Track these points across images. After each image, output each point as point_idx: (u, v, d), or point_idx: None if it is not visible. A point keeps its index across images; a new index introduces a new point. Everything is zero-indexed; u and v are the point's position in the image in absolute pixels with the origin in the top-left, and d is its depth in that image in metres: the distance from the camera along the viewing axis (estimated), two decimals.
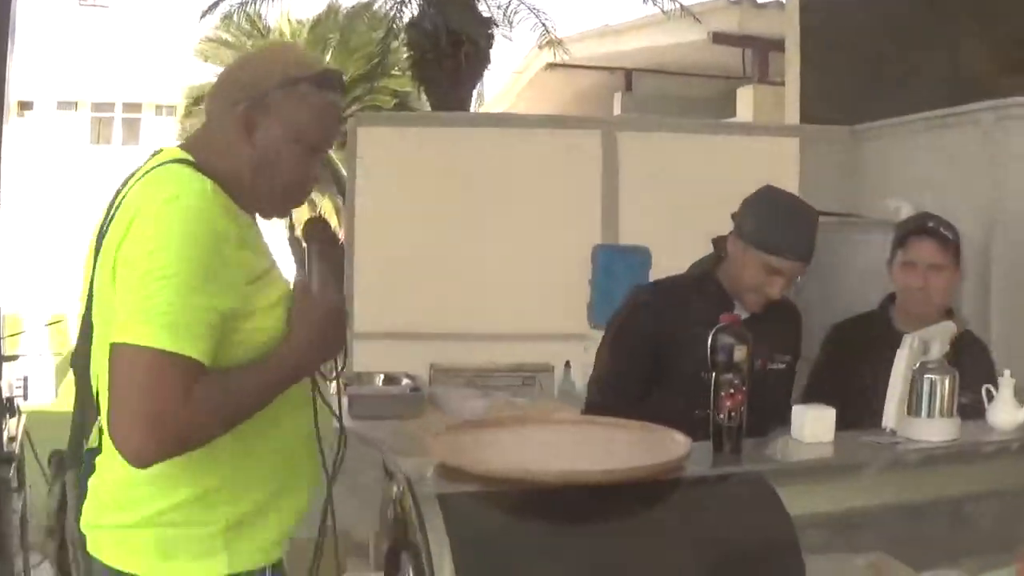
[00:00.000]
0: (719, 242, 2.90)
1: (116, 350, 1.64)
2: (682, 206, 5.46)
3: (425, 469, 1.92)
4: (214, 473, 1.78)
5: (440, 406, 4.16)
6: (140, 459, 1.64)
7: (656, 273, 5.11)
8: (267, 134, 1.82)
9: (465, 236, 5.46)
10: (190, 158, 1.81)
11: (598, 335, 4.96)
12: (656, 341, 2.83)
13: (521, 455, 2.14)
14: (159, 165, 1.80)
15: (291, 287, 1.86)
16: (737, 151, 5.69)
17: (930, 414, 2.38)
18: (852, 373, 3.01)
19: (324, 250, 1.90)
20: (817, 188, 5.39)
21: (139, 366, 1.61)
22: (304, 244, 1.90)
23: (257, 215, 1.91)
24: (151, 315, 1.62)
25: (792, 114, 7.39)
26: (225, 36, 19.74)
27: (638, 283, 3.13)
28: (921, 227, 3.12)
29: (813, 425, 2.35)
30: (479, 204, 5.47)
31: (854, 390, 2.87)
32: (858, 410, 2.73)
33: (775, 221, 2.72)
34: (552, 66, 14.07)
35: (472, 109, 12.27)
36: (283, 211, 1.91)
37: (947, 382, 2.40)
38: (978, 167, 4.63)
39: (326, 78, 1.86)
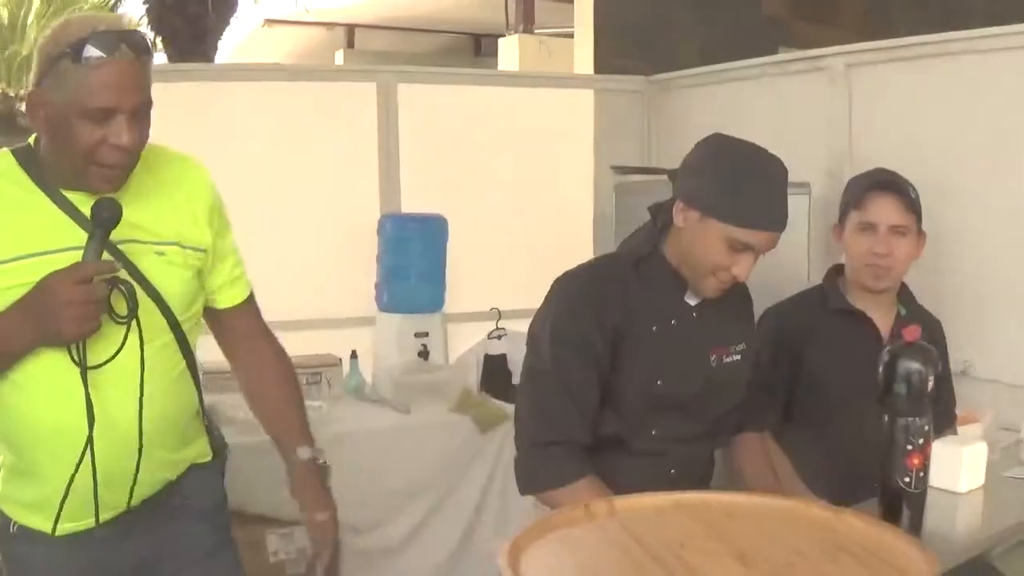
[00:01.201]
0: (659, 211, 2.28)
1: None
2: (472, 166, 4.97)
3: None
4: None
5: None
6: None
7: (457, 246, 4.57)
8: (47, 115, 1.85)
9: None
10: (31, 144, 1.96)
11: (388, 318, 4.47)
12: (603, 341, 2.19)
13: None
14: None
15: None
16: (529, 103, 5.15)
17: None
18: (804, 363, 2.63)
19: (106, 233, 1.86)
20: (613, 141, 5.15)
21: None
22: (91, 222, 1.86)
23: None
24: None
25: (584, 65, 6.95)
26: None
27: (566, 272, 2.42)
28: (881, 182, 2.62)
29: (971, 472, 1.92)
30: (234, 170, 4.50)
31: (808, 381, 2.62)
32: (815, 400, 2.59)
33: (739, 182, 2.10)
34: (270, 22, 13.12)
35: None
36: (98, 181, 1.89)
37: None
38: (775, 117, 4.31)
39: (79, 48, 1.80)
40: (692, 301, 2.27)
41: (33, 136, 1.95)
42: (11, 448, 2.00)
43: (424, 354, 4.36)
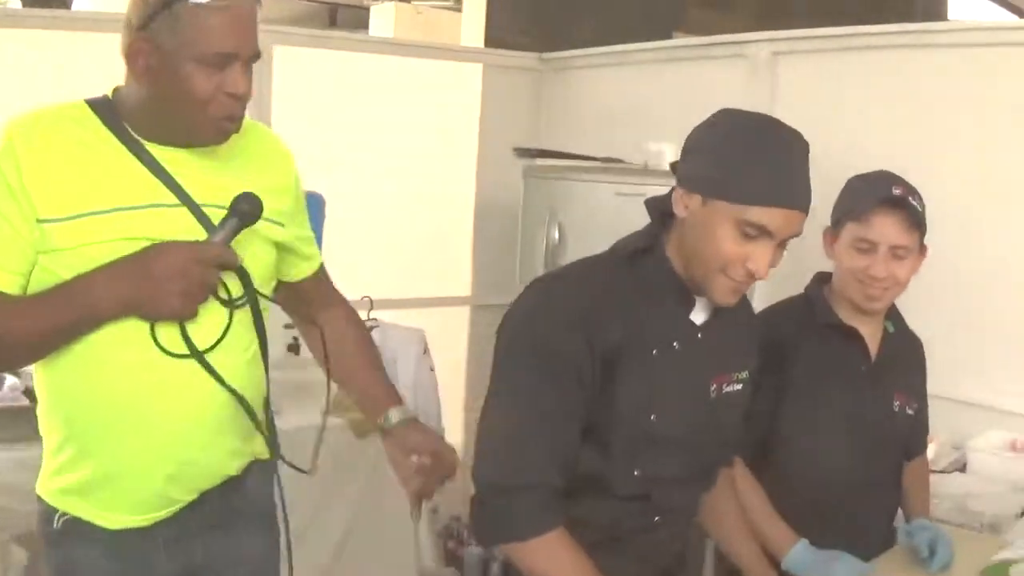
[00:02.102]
0: (657, 205, 1.89)
1: None
2: (349, 141, 4.59)
3: None
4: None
5: None
6: None
7: (334, 228, 4.14)
8: (154, 62, 1.73)
9: None
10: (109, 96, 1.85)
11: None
12: (594, 365, 1.78)
13: None
14: None
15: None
16: (412, 76, 4.78)
17: None
18: (789, 382, 2.31)
19: (241, 226, 1.81)
20: (502, 119, 4.90)
21: None
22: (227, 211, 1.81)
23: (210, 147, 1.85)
24: None
25: (473, 39, 6.62)
26: None
27: (549, 273, 2.05)
28: (890, 197, 2.27)
29: None
30: None
31: (794, 402, 2.31)
32: (801, 425, 2.34)
33: (747, 152, 1.73)
34: None
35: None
36: (213, 133, 1.81)
37: None
38: (687, 104, 3.93)
39: None
40: (699, 319, 1.89)
41: (113, 88, 1.85)
42: (72, 430, 1.85)
43: (295, 348, 3.90)
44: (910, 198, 2.27)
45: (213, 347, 1.81)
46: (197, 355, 1.79)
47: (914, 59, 3.47)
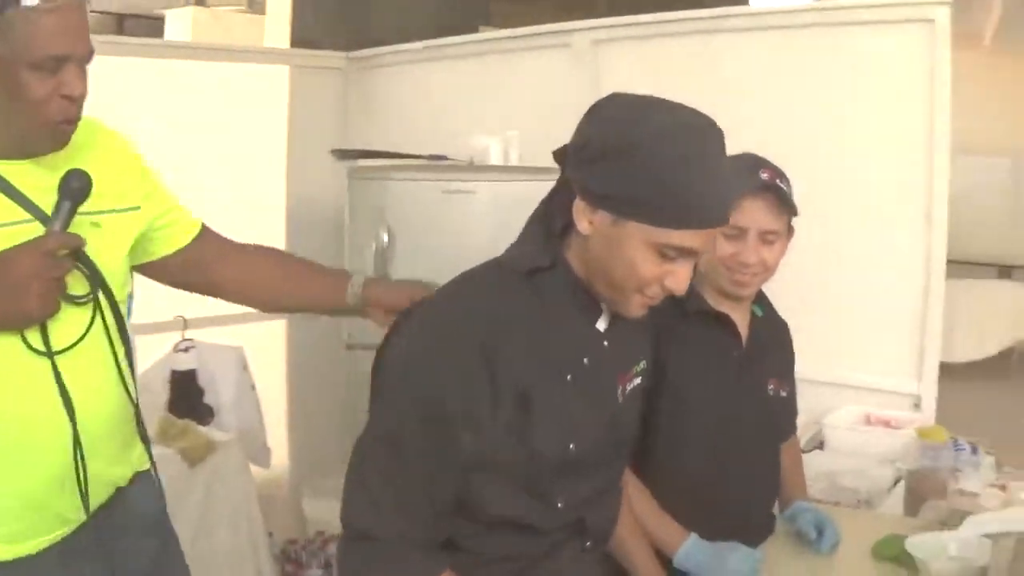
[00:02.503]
0: (551, 209, 1.68)
1: None
2: (153, 148, 4.19)
3: None
4: None
5: None
6: None
7: None
8: None
9: None
10: None
11: None
12: (496, 406, 1.56)
13: None
14: None
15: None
16: (215, 80, 4.56)
17: None
18: (666, 372, 2.17)
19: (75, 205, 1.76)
20: (311, 120, 4.78)
21: None
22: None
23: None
24: None
25: (278, 40, 6.44)
26: None
27: (436, 293, 1.76)
28: (759, 186, 2.17)
29: None
30: None
31: (671, 393, 2.19)
32: (681, 419, 2.24)
33: (679, 175, 1.49)
34: None
35: None
36: (51, 138, 1.76)
37: None
38: (506, 96, 4.08)
39: None
40: (602, 326, 1.71)
41: None
42: None
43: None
44: (778, 181, 2.20)
45: (67, 349, 1.77)
46: (49, 355, 1.74)
47: (724, 42, 3.53)
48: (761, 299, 2.41)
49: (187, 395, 3.90)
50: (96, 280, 1.80)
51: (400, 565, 1.59)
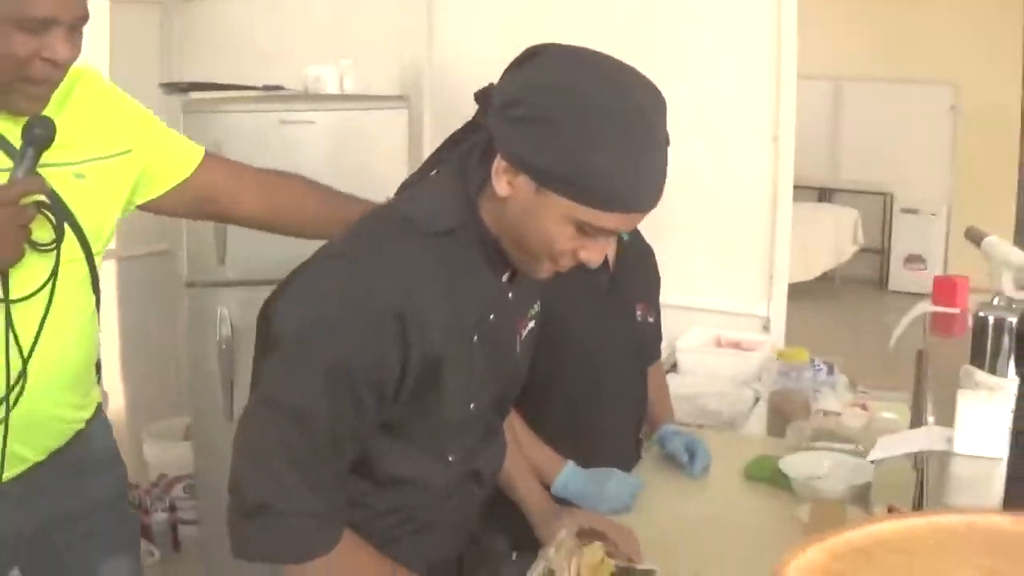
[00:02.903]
0: (468, 159, 1.54)
1: None
2: None
3: None
4: None
5: None
6: None
7: None
8: None
9: None
10: None
11: None
12: (404, 372, 1.47)
13: None
14: None
15: None
16: None
17: None
18: (544, 304, 2.05)
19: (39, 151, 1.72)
20: (133, 56, 4.46)
21: None
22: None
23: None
24: None
25: None
26: None
27: (334, 249, 1.56)
28: None
29: None
30: None
31: (551, 325, 2.03)
32: (562, 353, 2.20)
33: (602, 140, 1.38)
34: None
35: None
36: (26, 100, 1.71)
37: None
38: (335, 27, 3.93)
39: None
40: (506, 277, 1.62)
41: None
42: None
43: None
44: None
45: (28, 298, 1.74)
46: (4, 301, 1.72)
47: None
48: None
49: None
50: (62, 227, 1.76)
51: (304, 537, 1.50)
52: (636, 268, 2.36)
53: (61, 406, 1.88)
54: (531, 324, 1.74)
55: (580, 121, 1.36)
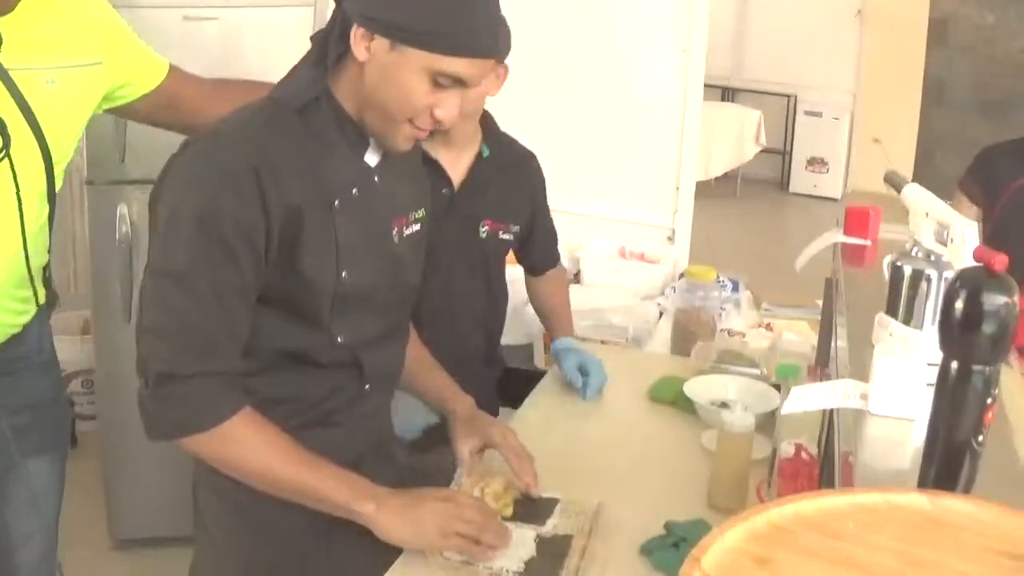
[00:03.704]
0: (325, 42, 1.65)
1: None
2: None
3: None
4: None
5: None
6: None
7: None
8: None
9: None
10: None
11: None
12: (271, 229, 1.59)
13: None
14: None
15: None
16: None
17: None
18: None
19: None
20: None
21: None
22: None
23: None
24: None
25: None
26: None
27: (205, 132, 1.67)
28: None
29: None
30: None
31: None
32: None
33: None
34: None
35: None
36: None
37: None
38: None
39: None
40: (372, 161, 1.73)
41: None
42: None
43: None
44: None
45: None
46: None
47: None
48: (494, 138, 2.32)
49: None
50: (7, 135, 1.78)
51: (209, 400, 1.58)
52: (491, 183, 2.32)
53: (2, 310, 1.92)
54: (415, 227, 1.83)
55: None
